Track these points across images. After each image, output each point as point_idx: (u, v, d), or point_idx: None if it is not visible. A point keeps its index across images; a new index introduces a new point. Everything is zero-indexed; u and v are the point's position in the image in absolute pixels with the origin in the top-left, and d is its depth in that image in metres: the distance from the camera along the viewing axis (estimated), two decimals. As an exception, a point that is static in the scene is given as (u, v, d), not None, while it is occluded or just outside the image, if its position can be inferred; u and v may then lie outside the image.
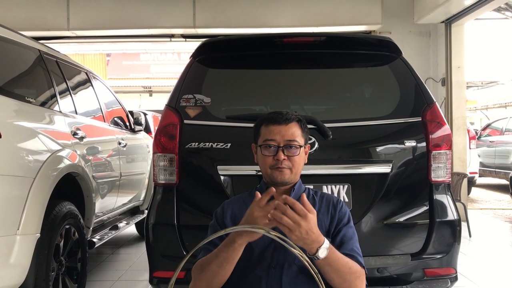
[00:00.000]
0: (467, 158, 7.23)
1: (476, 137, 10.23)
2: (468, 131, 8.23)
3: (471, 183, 9.01)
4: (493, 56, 18.72)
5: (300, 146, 1.71)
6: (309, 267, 0.96)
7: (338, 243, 1.64)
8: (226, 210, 1.73)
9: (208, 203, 2.43)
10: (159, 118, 2.65)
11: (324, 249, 1.46)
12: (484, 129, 11.44)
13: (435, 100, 2.60)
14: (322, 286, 0.94)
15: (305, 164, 1.77)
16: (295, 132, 1.71)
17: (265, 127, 1.72)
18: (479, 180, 10.87)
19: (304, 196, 1.47)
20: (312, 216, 1.43)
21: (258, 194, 1.49)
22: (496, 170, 9.78)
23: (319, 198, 1.76)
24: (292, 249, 0.99)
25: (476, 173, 9.20)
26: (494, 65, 18.92)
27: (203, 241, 1.32)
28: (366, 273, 1.63)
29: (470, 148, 8.44)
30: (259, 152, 1.74)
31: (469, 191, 8.60)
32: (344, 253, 1.60)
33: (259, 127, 1.75)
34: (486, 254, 4.82)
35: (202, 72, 2.68)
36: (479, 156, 9.91)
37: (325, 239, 1.48)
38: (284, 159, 1.67)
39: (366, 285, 1.64)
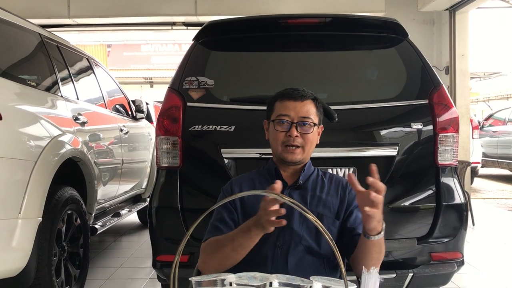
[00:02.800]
0: (470, 147, 7.19)
1: (479, 127, 10.18)
2: (471, 120, 8.19)
3: (474, 173, 8.98)
4: (496, 46, 18.59)
5: (315, 124, 1.67)
6: (326, 235, 0.93)
7: (353, 225, 1.62)
8: (234, 187, 1.70)
9: (211, 186, 2.40)
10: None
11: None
12: (486, 119, 11.39)
13: (442, 83, 2.56)
14: (338, 254, 0.91)
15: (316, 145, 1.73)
16: (310, 109, 1.67)
17: (280, 102, 1.68)
18: (482, 171, 10.83)
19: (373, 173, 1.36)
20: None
21: (275, 187, 1.33)
22: (499, 160, 9.75)
23: (328, 180, 1.72)
24: (307, 215, 0.96)
25: (478, 163, 9.16)
26: (496, 56, 18.79)
27: (197, 221, 1.22)
28: None
29: (473, 138, 8.40)
30: (271, 128, 1.70)
31: (471, 181, 8.57)
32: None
33: (274, 103, 1.71)
34: (490, 242, 4.81)
35: (205, 54, 2.64)
36: (481, 146, 9.87)
37: None
38: (296, 136, 1.63)
39: None
